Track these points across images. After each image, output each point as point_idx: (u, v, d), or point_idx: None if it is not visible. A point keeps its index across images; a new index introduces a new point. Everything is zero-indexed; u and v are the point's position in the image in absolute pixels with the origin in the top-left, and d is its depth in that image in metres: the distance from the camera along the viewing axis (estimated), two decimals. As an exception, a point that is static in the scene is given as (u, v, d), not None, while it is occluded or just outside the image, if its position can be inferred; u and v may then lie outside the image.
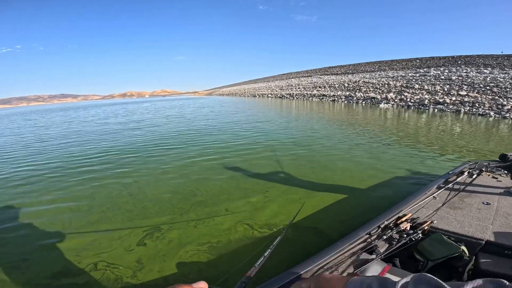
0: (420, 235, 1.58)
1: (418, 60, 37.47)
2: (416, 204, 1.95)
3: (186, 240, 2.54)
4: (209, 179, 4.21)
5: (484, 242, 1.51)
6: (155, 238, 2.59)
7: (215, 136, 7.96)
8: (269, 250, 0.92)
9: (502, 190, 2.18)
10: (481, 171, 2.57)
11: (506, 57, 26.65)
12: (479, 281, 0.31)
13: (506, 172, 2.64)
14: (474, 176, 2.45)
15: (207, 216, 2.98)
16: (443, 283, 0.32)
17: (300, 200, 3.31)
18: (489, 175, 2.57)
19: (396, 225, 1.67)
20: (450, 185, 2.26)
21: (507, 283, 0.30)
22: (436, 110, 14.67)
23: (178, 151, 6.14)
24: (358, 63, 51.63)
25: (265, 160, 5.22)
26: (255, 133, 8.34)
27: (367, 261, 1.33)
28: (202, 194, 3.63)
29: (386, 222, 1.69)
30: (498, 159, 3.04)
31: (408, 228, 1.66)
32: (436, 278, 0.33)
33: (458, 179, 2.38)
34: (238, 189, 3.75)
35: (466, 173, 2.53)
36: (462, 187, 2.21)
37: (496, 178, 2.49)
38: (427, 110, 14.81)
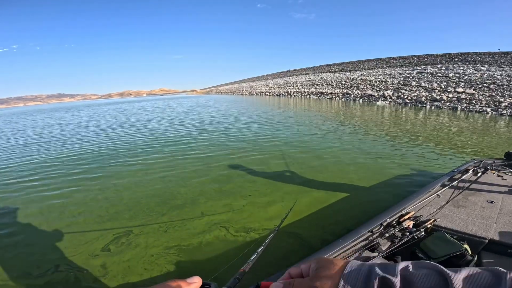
0: (423, 233, 1.56)
1: (415, 58, 37.33)
2: (419, 202, 1.91)
3: (154, 244, 2.42)
4: (192, 181, 4.01)
5: (487, 240, 1.49)
6: (120, 243, 2.46)
7: (204, 137, 7.66)
8: (262, 246, 0.91)
9: (507, 189, 2.13)
10: (486, 169, 2.52)
11: (503, 54, 26.55)
12: (476, 269, 0.31)
13: (511, 170, 2.58)
14: (479, 174, 2.40)
15: (181, 220, 2.84)
16: (443, 268, 0.32)
17: (284, 203, 3.12)
18: (494, 173, 2.51)
19: (399, 223, 1.66)
20: (454, 183, 2.22)
21: (505, 271, 0.30)
22: (433, 107, 14.54)
23: (163, 153, 5.87)
24: (356, 61, 51.45)
25: (254, 161, 4.99)
26: (246, 133, 8.10)
27: (368, 259, 1.34)
28: (182, 197, 3.44)
29: (388, 220, 1.67)
30: (503, 157, 2.96)
31: (411, 226, 1.64)
32: (436, 264, 0.34)
33: (462, 177, 2.34)
34: (220, 192, 3.57)
35: (470, 171, 2.47)
36: (467, 185, 2.15)
37: (501, 176, 2.43)
38: (424, 107, 14.68)
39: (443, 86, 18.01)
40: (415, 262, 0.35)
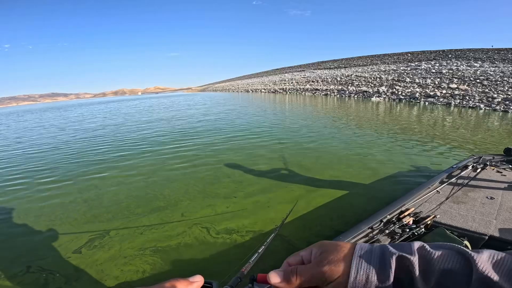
0: (423, 229, 1.55)
1: (409, 54, 37.46)
2: (419, 199, 1.89)
3: (129, 246, 2.37)
4: (176, 182, 3.87)
5: (487, 237, 1.47)
6: (92, 246, 2.41)
7: (193, 136, 7.37)
8: (263, 247, 0.90)
9: (506, 185, 2.11)
10: (485, 165, 2.53)
11: (496, 51, 26.76)
12: (496, 252, 0.29)
13: (510, 166, 2.56)
14: (478, 170, 2.40)
15: (159, 222, 2.74)
16: (463, 248, 0.30)
17: (270, 204, 3.01)
18: (493, 169, 2.49)
19: (399, 219, 1.64)
20: (453, 180, 2.20)
21: None
22: (427, 103, 14.53)
23: (149, 154, 5.62)
24: (351, 57, 51.51)
25: (243, 161, 4.79)
26: (237, 132, 7.87)
27: None
28: (165, 198, 3.31)
29: (388, 217, 1.65)
30: (502, 153, 2.95)
31: (411, 222, 1.63)
32: (454, 244, 0.31)
33: (462, 173, 2.32)
34: (203, 193, 3.43)
35: (470, 167, 2.46)
36: (466, 181, 2.14)
37: (501, 172, 2.41)
38: (418, 103, 14.67)
39: (436, 82, 18.05)
40: (430, 243, 0.32)
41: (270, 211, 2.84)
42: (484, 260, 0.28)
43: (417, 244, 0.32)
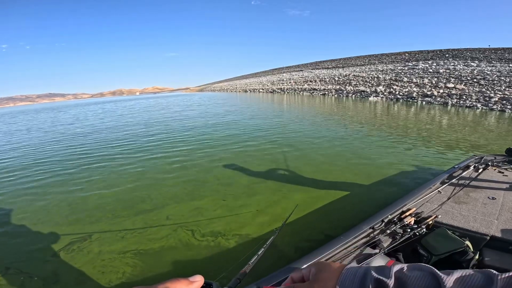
0: (424, 229, 1.54)
1: (407, 54, 37.53)
2: (420, 199, 1.89)
3: (108, 250, 2.32)
4: (165, 185, 3.76)
5: (489, 237, 1.47)
6: (71, 250, 2.38)
7: (186, 138, 7.19)
8: (263, 248, 0.91)
9: (508, 185, 2.10)
10: (487, 165, 2.51)
11: (493, 51, 26.84)
12: (469, 271, 0.33)
13: None
14: (480, 171, 2.39)
15: (143, 225, 2.69)
16: (436, 270, 0.34)
17: (259, 207, 2.92)
18: (495, 169, 2.48)
19: (400, 219, 1.63)
20: (455, 180, 2.20)
21: (496, 273, 0.32)
22: (424, 102, 14.51)
23: (139, 155, 5.47)
24: (349, 57, 51.58)
25: (235, 162, 4.66)
26: (231, 133, 7.73)
27: (370, 256, 1.32)
28: (152, 201, 3.21)
29: (390, 217, 1.64)
30: (504, 154, 2.95)
31: (412, 222, 1.62)
32: (430, 266, 0.36)
33: (463, 174, 2.32)
34: (191, 195, 3.33)
35: (471, 168, 2.46)
36: (468, 181, 2.14)
37: (502, 172, 2.40)
38: (415, 103, 14.65)
39: (434, 82, 18.04)
40: (410, 264, 0.38)
41: (258, 215, 2.75)
42: (452, 281, 0.32)
43: (396, 267, 0.37)
